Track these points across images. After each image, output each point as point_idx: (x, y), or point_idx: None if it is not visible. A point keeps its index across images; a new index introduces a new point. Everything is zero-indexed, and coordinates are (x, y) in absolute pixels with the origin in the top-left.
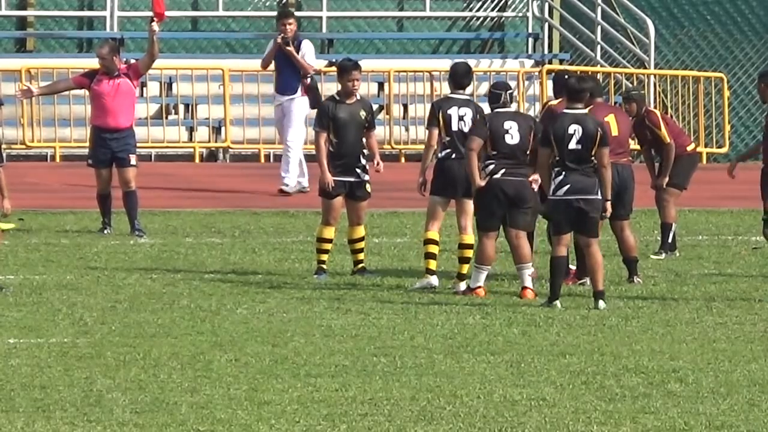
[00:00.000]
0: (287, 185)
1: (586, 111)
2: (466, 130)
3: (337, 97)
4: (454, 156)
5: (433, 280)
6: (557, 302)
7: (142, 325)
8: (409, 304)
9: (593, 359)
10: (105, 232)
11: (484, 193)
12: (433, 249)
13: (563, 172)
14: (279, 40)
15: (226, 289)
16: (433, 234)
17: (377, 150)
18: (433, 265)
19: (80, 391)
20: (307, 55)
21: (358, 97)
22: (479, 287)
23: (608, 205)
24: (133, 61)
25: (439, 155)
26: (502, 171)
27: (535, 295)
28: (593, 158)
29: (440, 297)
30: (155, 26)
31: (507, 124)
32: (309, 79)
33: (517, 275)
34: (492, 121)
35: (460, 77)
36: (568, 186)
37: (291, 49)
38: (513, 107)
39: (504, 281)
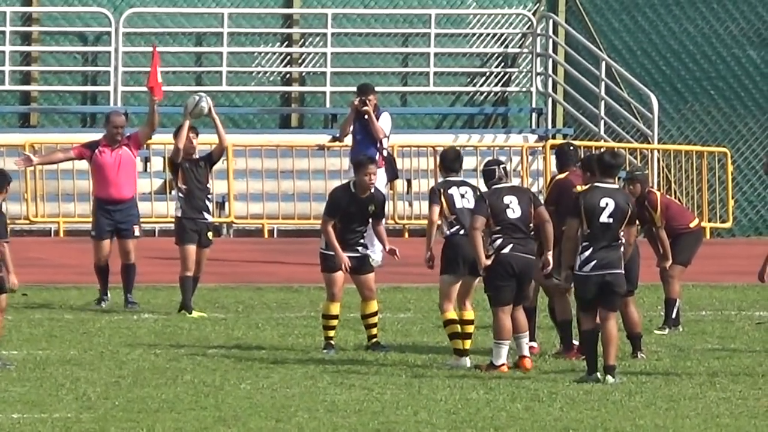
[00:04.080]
0: (373, 260)
1: (617, 186)
2: (470, 206)
3: (353, 189)
4: (462, 232)
5: (464, 361)
6: (597, 374)
7: (146, 400)
8: (412, 378)
9: None
10: (102, 304)
11: (493, 269)
12: (456, 329)
13: (591, 247)
14: (356, 103)
15: (229, 365)
16: (451, 314)
17: (386, 237)
18: (459, 344)
19: None
20: (384, 123)
21: (372, 191)
22: (503, 364)
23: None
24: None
25: (447, 233)
26: (510, 246)
27: (533, 364)
28: (621, 234)
29: (444, 372)
30: (156, 98)
31: (507, 199)
32: (385, 151)
33: (516, 346)
34: (490, 197)
35: (450, 162)
36: (594, 262)
37: (368, 108)
38: (511, 182)
39: (508, 357)
